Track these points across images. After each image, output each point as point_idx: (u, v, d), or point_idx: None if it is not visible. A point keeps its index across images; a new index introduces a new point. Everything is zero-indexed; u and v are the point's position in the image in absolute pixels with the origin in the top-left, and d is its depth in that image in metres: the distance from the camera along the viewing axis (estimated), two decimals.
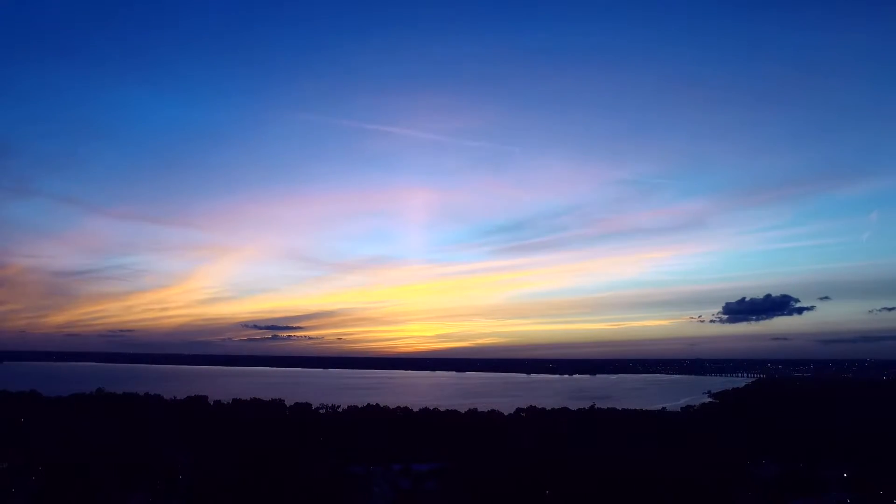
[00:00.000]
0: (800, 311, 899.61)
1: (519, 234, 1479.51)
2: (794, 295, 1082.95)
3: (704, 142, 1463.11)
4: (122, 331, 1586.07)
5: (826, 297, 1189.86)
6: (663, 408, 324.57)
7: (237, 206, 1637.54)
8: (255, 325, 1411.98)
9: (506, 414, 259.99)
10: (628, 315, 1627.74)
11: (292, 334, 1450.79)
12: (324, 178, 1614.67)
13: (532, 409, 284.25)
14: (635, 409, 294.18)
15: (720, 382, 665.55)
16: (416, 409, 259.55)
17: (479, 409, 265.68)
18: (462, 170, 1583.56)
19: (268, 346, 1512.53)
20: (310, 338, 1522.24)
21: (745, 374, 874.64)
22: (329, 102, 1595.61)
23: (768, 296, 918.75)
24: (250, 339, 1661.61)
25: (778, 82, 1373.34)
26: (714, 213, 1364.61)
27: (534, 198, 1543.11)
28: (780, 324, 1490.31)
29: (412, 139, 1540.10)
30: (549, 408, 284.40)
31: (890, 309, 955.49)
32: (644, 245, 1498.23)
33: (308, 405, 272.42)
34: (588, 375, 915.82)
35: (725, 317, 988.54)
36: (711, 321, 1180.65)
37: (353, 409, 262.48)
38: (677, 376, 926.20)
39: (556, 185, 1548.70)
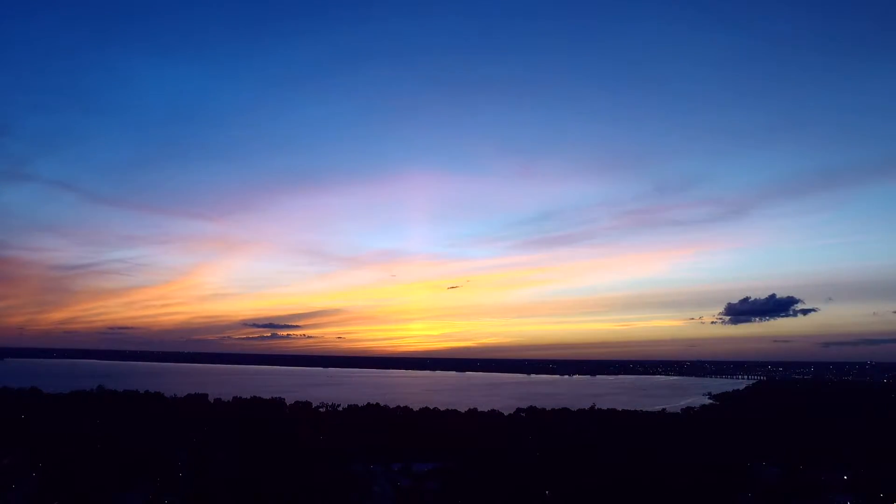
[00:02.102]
0: (805, 312, 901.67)
1: (544, 226, 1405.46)
2: (802, 296, 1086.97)
3: (746, 133, 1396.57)
4: (122, 328, 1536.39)
5: (830, 299, 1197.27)
6: (663, 409, 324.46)
7: (247, 194, 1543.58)
8: (255, 324, 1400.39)
9: (506, 414, 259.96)
10: (639, 315, 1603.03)
11: (291, 333, 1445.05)
12: (339, 165, 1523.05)
13: (532, 409, 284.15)
14: (636, 410, 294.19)
15: (720, 384, 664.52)
16: (415, 409, 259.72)
17: (480, 410, 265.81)
18: (490, 157, 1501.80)
19: (267, 345, 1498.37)
20: (309, 336, 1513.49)
21: (746, 376, 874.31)
22: (347, 81, 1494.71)
23: (772, 296, 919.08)
24: (249, 338, 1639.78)
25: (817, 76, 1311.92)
26: (744, 209, 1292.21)
27: (565, 187, 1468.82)
28: (783, 325, 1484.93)
29: (435, 124, 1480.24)
30: (549, 408, 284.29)
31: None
32: (671, 240, 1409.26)
33: (308, 404, 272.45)
34: (588, 376, 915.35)
35: (727, 318, 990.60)
36: (713, 322, 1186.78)
37: (353, 409, 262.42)
38: (676, 377, 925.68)
39: (590, 174, 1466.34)
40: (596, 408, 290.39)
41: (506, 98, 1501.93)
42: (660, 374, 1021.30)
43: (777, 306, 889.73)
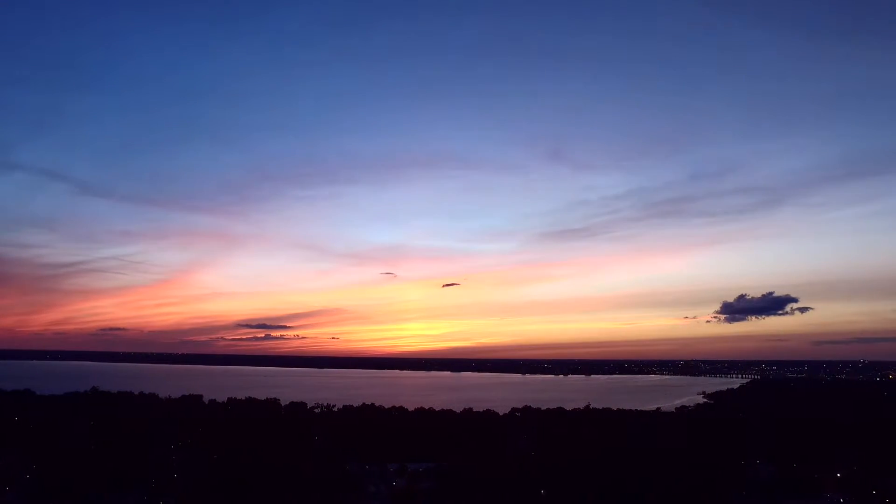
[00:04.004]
0: (802, 310, 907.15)
1: (564, 218, 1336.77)
2: (798, 294, 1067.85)
3: (794, 114, 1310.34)
4: (114, 328, 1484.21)
5: (826, 298, 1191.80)
6: (658, 408, 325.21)
7: (247, 183, 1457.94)
8: (248, 325, 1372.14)
9: (501, 413, 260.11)
10: (637, 314, 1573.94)
11: (284, 334, 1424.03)
12: (345, 150, 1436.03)
13: (527, 408, 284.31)
14: (630, 410, 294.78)
15: (715, 384, 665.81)
16: (411, 409, 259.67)
17: (475, 409, 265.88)
18: (512, 144, 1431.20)
19: (260, 346, 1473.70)
20: (302, 337, 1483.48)
21: (740, 375, 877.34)
22: (355, 59, 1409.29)
23: (769, 294, 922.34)
24: (242, 339, 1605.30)
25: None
26: (781, 199, 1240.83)
27: (593, 176, 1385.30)
28: (778, 323, 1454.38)
29: (451, 107, 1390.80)
30: (544, 408, 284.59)
31: None
32: (695, 234, 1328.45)
33: (303, 404, 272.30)
34: (583, 376, 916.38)
35: (723, 316, 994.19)
36: (707, 321, 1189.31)
37: (348, 409, 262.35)
38: (669, 377, 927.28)
39: (621, 160, 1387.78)
40: (590, 407, 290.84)
41: (530, 79, 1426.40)
42: (654, 373, 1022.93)
43: (773, 304, 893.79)
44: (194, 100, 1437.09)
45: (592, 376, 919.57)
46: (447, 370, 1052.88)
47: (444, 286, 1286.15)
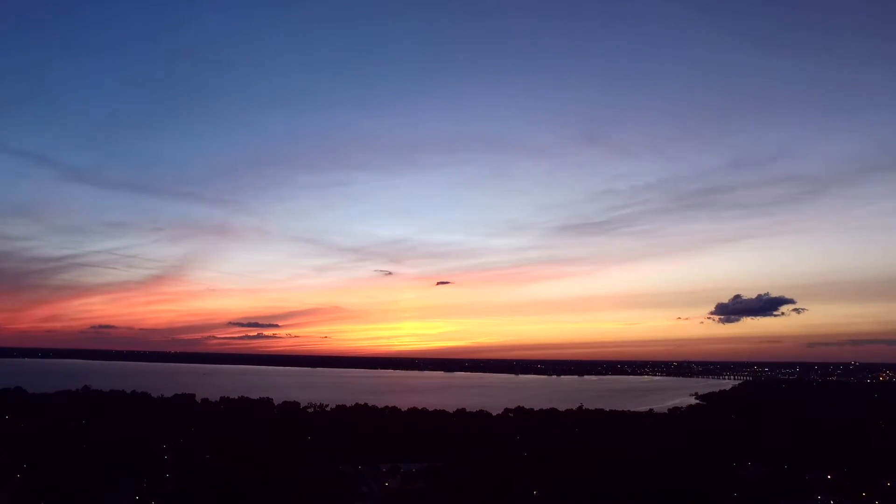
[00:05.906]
0: (798, 311, 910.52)
1: (584, 210, 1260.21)
2: (794, 295, 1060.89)
3: (821, 111, 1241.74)
4: (105, 326, 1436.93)
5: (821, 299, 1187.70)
6: (650, 409, 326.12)
7: (246, 165, 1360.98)
8: (240, 324, 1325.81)
9: (494, 414, 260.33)
10: (637, 314, 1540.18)
11: (276, 332, 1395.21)
12: (359, 130, 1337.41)
13: (520, 409, 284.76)
14: (622, 411, 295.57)
15: (707, 385, 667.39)
16: (404, 409, 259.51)
17: (468, 409, 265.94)
18: (541, 128, 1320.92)
19: (252, 345, 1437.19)
20: (295, 336, 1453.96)
21: (733, 377, 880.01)
22: (374, 32, 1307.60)
23: (765, 294, 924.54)
24: (234, 338, 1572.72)
25: None
26: (823, 189, 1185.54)
27: (627, 162, 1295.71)
28: (771, 325, 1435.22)
29: (471, 91, 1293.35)
30: (537, 408, 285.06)
31: None
32: (720, 228, 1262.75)
33: (296, 404, 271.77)
34: (576, 377, 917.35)
35: (718, 317, 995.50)
36: (701, 322, 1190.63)
37: (341, 409, 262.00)
38: (661, 378, 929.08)
39: (659, 145, 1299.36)
40: (583, 408, 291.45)
41: (565, 54, 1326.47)
42: (646, 374, 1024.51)
43: (768, 305, 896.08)
44: (191, 77, 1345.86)
45: (585, 377, 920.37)
46: (440, 370, 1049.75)
47: (437, 284, 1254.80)
